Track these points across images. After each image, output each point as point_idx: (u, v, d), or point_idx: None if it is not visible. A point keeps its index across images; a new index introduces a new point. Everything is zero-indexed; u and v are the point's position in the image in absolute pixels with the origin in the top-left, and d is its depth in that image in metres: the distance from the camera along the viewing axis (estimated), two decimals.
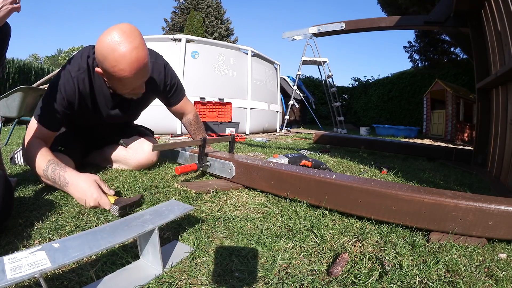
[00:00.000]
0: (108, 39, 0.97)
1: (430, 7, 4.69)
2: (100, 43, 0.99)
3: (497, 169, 1.58)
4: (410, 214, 0.77)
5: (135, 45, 0.99)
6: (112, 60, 0.98)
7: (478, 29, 2.04)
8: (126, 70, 1.00)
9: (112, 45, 0.97)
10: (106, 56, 0.98)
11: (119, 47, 0.97)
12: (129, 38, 0.98)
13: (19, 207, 0.87)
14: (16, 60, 9.60)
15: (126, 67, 1.00)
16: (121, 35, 0.97)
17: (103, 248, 0.50)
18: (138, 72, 1.03)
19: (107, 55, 0.98)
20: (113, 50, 0.97)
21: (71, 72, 1.09)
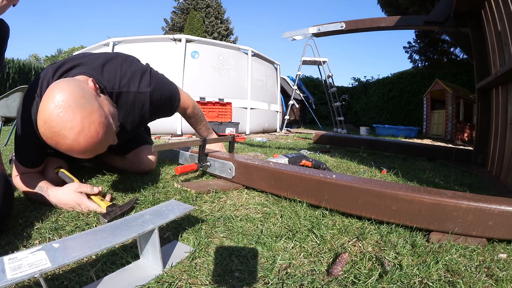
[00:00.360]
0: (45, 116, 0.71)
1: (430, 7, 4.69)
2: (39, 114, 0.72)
3: (497, 169, 1.58)
4: (410, 214, 0.77)
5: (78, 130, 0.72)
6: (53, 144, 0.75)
7: (478, 29, 2.04)
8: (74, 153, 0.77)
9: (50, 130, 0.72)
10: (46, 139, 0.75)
11: (58, 137, 0.72)
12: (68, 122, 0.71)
13: (19, 207, 0.87)
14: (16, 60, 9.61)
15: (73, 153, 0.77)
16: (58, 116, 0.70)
17: (103, 248, 0.50)
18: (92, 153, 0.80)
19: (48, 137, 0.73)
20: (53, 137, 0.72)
21: (32, 114, 0.89)
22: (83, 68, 0.94)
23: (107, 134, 0.80)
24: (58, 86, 0.74)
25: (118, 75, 0.99)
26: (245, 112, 5.24)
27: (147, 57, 1.69)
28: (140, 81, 1.04)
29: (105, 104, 0.85)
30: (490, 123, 1.90)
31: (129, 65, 1.04)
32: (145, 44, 4.56)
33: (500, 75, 1.48)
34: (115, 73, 0.99)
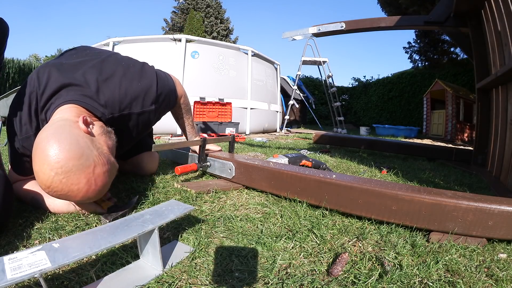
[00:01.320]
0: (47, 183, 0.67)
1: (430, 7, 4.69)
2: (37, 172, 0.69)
3: (497, 169, 1.58)
4: (410, 214, 0.77)
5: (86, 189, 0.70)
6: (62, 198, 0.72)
7: (478, 29, 2.04)
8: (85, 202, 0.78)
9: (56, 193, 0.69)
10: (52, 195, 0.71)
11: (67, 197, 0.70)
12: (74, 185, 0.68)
13: (19, 207, 0.87)
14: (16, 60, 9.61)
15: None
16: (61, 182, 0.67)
17: (103, 248, 0.50)
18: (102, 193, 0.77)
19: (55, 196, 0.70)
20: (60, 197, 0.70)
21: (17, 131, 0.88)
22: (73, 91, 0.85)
23: (112, 174, 0.79)
24: (51, 146, 0.68)
25: (117, 98, 0.91)
26: (245, 112, 5.23)
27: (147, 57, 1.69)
28: (143, 100, 0.98)
29: (103, 141, 0.80)
30: (490, 123, 1.90)
31: (129, 84, 0.95)
32: (145, 44, 4.56)
33: (500, 75, 1.48)
34: (113, 95, 0.90)
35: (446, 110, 6.02)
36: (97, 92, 0.88)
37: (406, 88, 10.29)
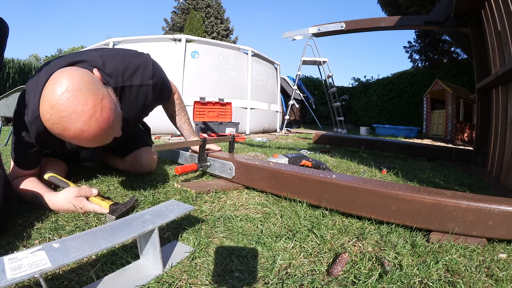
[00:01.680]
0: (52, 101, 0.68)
1: (430, 7, 4.69)
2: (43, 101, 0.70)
3: (497, 169, 1.58)
4: (410, 214, 0.77)
5: (90, 114, 0.70)
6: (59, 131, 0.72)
7: (478, 29, 2.04)
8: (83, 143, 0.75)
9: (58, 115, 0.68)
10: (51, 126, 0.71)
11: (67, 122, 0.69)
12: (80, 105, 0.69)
13: (19, 207, 0.87)
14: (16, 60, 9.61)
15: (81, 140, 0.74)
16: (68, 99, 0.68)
17: (103, 248, 0.50)
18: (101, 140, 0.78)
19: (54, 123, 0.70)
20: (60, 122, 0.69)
21: (24, 116, 0.87)
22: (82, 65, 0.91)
23: (116, 122, 0.79)
24: (65, 72, 0.72)
25: (121, 69, 0.98)
26: (245, 112, 5.23)
27: None
28: (142, 73, 1.04)
29: (112, 94, 0.83)
30: (490, 123, 1.90)
31: (130, 58, 1.03)
32: (145, 44, 4.56)
33: (500, 75, 1.48)
34: (117, 67, 0.97)
35: (446, 110, 6.02)
36: (103, 65, 0.94)
37: (406, 88, 10.29)
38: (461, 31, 2.26)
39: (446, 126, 6.02)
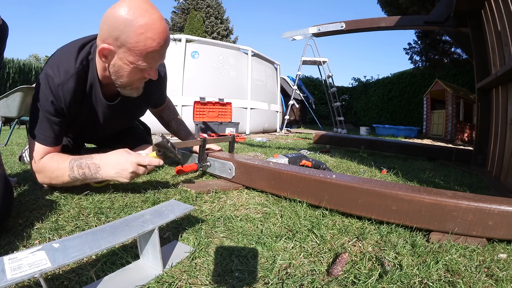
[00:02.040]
0: (130, 5, 0.81)
1: (430, 7, 4.70)
2: (118, 11, 0.82)
3: (497, 169, 1.58)
4: (410, 214, 0.77)
5: (161, 15, 0.86)
6: (139, 27, 0.81)
7: (478, 29, 2.04)
8: (155, 40, 0.84)
9: (139, 11, 0.81)
10: (129, 24, 0.81)
11: (147, 13, 0.82)
12: (154, 6, 0.85)
13: (19, 207, 0.87)
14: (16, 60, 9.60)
15: (155, 36, 0.84)
16: (145, 2, 0.83)
17: (103, 248, 0.50)
18: (164, 47, 0.89)
19: (132, 22, 0.81)
20: (140, 16, 0.81)
21: (55, 78, 0.91)
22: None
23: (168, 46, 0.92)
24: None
25: None
26: (245, 112, 5.24)
27: None
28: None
29: None
30: (490, 123, 1.90)
31: None
32: None
33: (500, 75, 1.48)
34: None
35: (446, 110, 6.02)
36: None
37: (406, 88, 10.29)
38: (461, 31, 2.26)
39: (446, 126, 6.02)
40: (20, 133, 3.96)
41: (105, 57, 0.90)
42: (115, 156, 0.94)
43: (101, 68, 0.97)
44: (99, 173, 0.94)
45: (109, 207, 0.90)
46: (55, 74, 0.91)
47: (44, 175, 0.97)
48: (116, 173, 0.93)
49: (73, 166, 0.93)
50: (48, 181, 0.98)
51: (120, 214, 0.86)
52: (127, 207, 0.91)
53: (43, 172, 0.96)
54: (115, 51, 0.88)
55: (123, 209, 0.89)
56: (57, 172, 0.94)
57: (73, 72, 0.92)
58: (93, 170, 0.93)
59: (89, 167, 0.93)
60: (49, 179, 0.97)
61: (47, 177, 0.97)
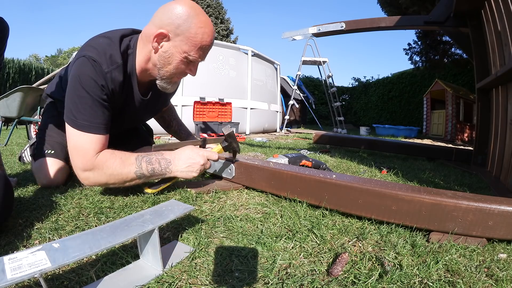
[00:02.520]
0: (191, 4, 0.92)
1: (430, 7, 4.70)
2: (180, 5, 0.90)
3: (497, 169, 1.58)
4: (410, 214, 0.77)
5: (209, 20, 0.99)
6: (200, 21, 0.91)
7: (478, 29, 2.04)
8: (209, 36, 0.95)
9: (198, 10, 0.93)
10: (191, 17, 0.90)
11: (204, 14, 0.94)
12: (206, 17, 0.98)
13: (19, 207, 0.87)
14: (16, 60, 9.60)
15: (210, 33, 0.94)
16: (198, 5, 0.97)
17: (103, 248, 0.50)
18: (211, 47, 1.00)
19: (194, 16, 0.90)
20: (201, 14, 0.92)
21: (102, 65, 0.89)
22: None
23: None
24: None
25: None
26: (245, 112, 5.24)
27: None
28: None
29: None
30: (490, 123, 1.90)
31: None
32: None
33: (500, 75, 1.48)
34: None
35: (446, 110, 6.02)
36: None
37: (406, 88, 10.29)
38: (461, 31, 2.26)
39: (446, 126, 6.02)
40: (20, 133, 3.96)
41: (158, 43, 0.93)
42: (185, 151, 0.98)
43: (143, 60, 0.98)
44: (170, 168, 0.95)
45: (109, 207, 0.90)
46: (102, 61, 0.89)
47: (100, 173, 0.89)
48: (187, 167, 0.96)
49: (141, 163, 0.92)
50: (105, 180, 0.91)
51: (120, 214, 0.86)
52: (127, 207, 0.91)
53: (100, 169, 0.88)
54: (171, 38, 0.92)
55: (123, 209, 0.89)
56: (121, 169, 0.90)
57: (119, 63, 0.93)
58: (164, 165, 0.94)
59: (159, 162, 0.94)
60: (107, 178, 0.90)
61: (104, 176, 0.89)
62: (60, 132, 1.22)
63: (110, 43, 0.93)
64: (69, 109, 0.89)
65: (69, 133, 0.89)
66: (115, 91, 0.95)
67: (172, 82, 1.03)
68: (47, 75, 5.66)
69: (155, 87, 1.08)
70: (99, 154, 0.89)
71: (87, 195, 1.00)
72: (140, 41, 0.98)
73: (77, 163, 0.89)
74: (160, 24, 0.91)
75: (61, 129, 1.22)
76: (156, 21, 0.92)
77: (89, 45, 0.92)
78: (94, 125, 0.89)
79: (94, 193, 1.04)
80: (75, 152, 0.89)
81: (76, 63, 0.89)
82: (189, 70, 1.01)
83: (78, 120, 0.87)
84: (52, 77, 3.32)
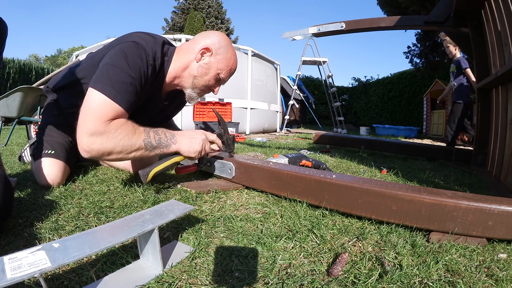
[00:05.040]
0: (224, 35, 1.14)
1: (430, 6, 4.70)
2: (220, 35, 1.13)
3: (497, 169, 1.58)
4: (410, 214, 0.77)
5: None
6: (232, 50, 1.14)
7: (478, 29, 2.04)
8: (236, 63, 1.18)
9: (229, 41, 1.14)
10: (227, 46, 1.12)
11: (232, 46, 1.16)
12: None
13: (19, 207, 0.87)
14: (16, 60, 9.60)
15: (235, 63, 1.17)
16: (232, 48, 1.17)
17: (103, 248, 0.50)
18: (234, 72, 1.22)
19: (229, 44, 1.13)
20: (230, 44, 1.14)
21: (148, 57, 0.95)
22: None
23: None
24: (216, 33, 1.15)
25: None
26: (245, 112, 5.23)
27: None
28: None
29: None
30: (490, 123, 1.90)
31: None
32: None
33: (500, 75, 1.48)
34: None
35: (446, 110, 6.02)
36: None
37: (406, 88, 10.28)
38: (461, 31, 2.26)
39: (446, 126, 6.01)
40: (20, 133, 3.96)
41: (202, 55, 1.09)
42: (189, 130, 1.08)
43: (179, 67, 1.10)
44: (174, 139, 1.00)
45: (109, 207, 0.90)
46: (149, 53, 0.96)
47: (109, 138, 0.84)
48: (188, 142, 1.02)
49: (149, 132, 0.94)
50: (112, 146, 0.85)
51: (120, 214, 0.86)
52: (127, 207, 0.91)
53: (111, 134, 0.84)
54: (213, 55, 1.10)
55: (123, 209, 0.89)
56: (131, 135, 0.88)
57: (160, 62, 1.03)
58: (169, 136, 0.99)
59: (165, 133, 0.99)
60: (114, 144, 0.85)
61: (113, 141, 0.85)
62: (60, 132, 1.22)
63: (156, 42, 1.02)
64: (102, 76, 0.87)
65: (91, 95, 0.85)
66: (148, 83, 1.00)
67: (199, 94, 1.17)
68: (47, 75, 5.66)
69: (173, 97, 1.24)
70: (112, 120, 0.86)
71: (87, 195, 1.00)
72: (179, 52, 1.11)
73: (88, 125, 0.83)
74: (204, 43, 1.09)
75: (61, 129, 1.23)
76: (199, 40, 1.10)
77: (137, 36, 0.98)
78: (122, 97, 0.87)
79: (94, 193, 1.04)
80: (91, 113, 0.83)
81: (122, 45, 0.93)
82: (214, 88, 1.18)
83: (107, 86, 0.85)
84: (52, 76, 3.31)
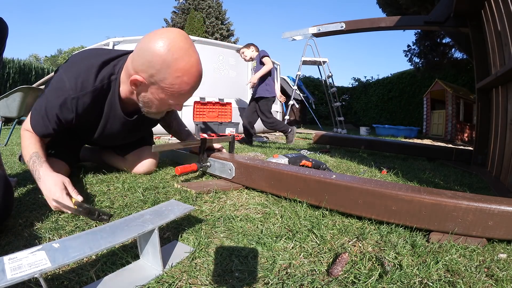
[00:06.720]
0: (171, 43, 0.81)
1: (430, 7, 4.70)
2: (157, 48, 0.81)
3: (497, 169, 1.58)
4: (410, 214, 0.77)
5: (198, 56, 0.87)
6: (176, 70, 0.83)
7: (478, 29, 2.04)
8: (189, 84, 0.87)
9: (179, 52, 0.82)
10: (166, 66, 0.82)
11: (187, 55, 0.83)
12: (193, 47, 0.85)
13: (19, 207, 0.87)
14: (16, 60, 9.61)
15: (190, 80, 0.86)
16: (185, 41, 0.83)
17: (103, 248, 0.50)
18: (195, 88, 0.92)
19: (170, 64, 0.82)
20: (180, 58, 0.82)
21: (70, 91, 0.91)
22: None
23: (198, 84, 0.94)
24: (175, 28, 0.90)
25: None
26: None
27: None
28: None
29: None
30: (490, 123, 1.90)
31: None
32: None
33: (500, 75, 1.48)
34: None
35: (446, 110, 6.03)
36: None
37: (406, 88, 10.29)
38: (461, 31, 2.26)
39: (446, 126, 6.02)
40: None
41: (135, 86, 0.92)
42: (51, 181, 0.85)
43: (127, 91, 0.99)
44: (39, 183, 0.88)
45: (109, 207, 0.90)
46: (71, 87, 0.91)
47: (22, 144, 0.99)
48: (45, 196, 0.86)
49: (29, 160, 0.92)
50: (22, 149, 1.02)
51: (120, 214, 0.86)
52: (127, 207, 0.91)
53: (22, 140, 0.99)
54: (148, 86, 0.90)
55: (123, 209, 0.89)
56: (24, 150, 0.96)
57: (90, 90, 0.94)
58: (36, 177, 0.89)
59: (35, 171, 0.89)
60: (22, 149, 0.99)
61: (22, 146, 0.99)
62: None
63: (88, 66, 0.94)
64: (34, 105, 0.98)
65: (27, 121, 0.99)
66: (83, 113, 0.97)
67: (158, 113, 1.03)
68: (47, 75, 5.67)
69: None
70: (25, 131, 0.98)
71: (87, 195, 1.00)
72: (125, 71, 0.96)
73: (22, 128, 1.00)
74: (135, 68, 0.88)
75: None
76: (133, 61, 0.89)
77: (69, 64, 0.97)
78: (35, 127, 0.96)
79: (94, 193, 1.04)
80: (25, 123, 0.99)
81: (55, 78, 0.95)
82: (173, 107, 0.99)
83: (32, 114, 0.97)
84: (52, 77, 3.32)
